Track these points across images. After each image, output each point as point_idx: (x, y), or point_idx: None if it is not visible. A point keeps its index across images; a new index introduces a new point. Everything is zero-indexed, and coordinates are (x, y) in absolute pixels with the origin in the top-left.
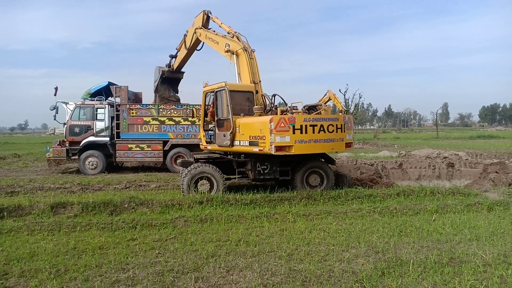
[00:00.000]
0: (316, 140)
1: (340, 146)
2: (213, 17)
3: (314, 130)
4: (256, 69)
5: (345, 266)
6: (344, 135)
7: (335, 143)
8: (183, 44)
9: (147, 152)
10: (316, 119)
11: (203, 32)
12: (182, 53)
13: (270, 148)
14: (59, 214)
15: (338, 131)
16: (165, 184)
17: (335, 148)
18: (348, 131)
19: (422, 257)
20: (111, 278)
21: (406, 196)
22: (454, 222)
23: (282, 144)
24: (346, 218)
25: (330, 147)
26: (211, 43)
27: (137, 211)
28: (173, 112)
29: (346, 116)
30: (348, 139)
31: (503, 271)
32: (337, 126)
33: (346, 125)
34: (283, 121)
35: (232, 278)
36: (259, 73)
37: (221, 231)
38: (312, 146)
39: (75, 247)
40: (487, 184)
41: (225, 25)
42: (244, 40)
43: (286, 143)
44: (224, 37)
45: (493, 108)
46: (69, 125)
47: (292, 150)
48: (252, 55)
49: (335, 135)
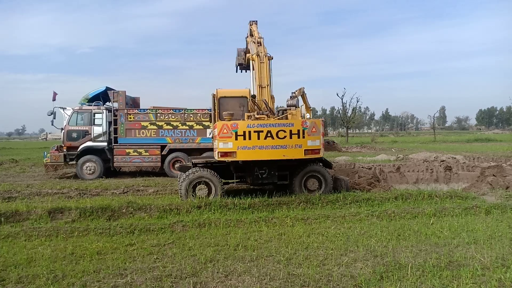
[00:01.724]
0: (262, 147)
1: (296, 153)
2: (253, 23)
3: (259, 136)
4: (266, 73)
5: (344, 270)
6: (304, 141)
7: (288, 150)
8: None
9: (145, 157)
10: (262, 125)
11: (249, 39)
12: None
13: (215, 154)
14: (56, 220)
15: (293, 137)
16: (163, 188)
17: (288, 155)
18: (311, 136)
19: (420, 261)
20: (109, 284)
21: (404, 200)
22: (452, 226)
23: (225, 150)
24: (344, 222)
25: (281, 154)
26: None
27: (135, 216)
28: (170, 116)
29: (308, 121)
30: (311, 145)
31: (501, 275)
32: (291, 132)
33: (308, 130)
34: (225, 127)
35: (230, 283)
36: (268, 77)
37: (219, 236)
38: (258, 153)
39: (73, 252)
40: (485, 187)
41: (256, 31)
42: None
43: (229, 149)
44: (253, 43)
45: (490, 111)
46: (66, 130)
47: (236, 157)
48: (264, 60)
49: (289, 141)
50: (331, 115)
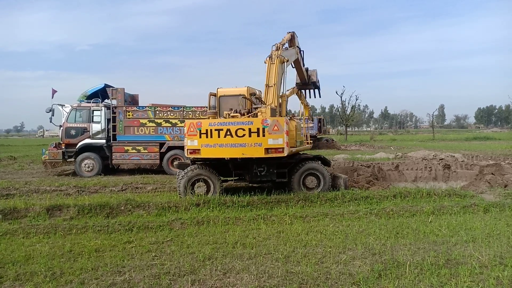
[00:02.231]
0: (222, 145)
1: (256, 151)
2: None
3: (219, 134)
4: (274, 74)
5: (342, 268)
6: (265, 139)
7: (248, 148)
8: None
9: (144, 154)
10: (222, 123)
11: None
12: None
13: (185, 152)
14: (55, 217)
15: (253, 136)
16: (162, 186)
17: (246, 154)
18: (273, 135)
19: (418, 259)
20: (107, 281)
21: (403, 198)
22: (451, 224)
23: (192, 148)
24: (343, 220)
25: (240, 152)
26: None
27: (133, 213)
28: (169, 114)
29: (269, 120)
30: (273, 144)
31: (499, 273)
32: (250, 130)
33: (268, 129)
34: (192, 126)
35: (229, 280)
36: (275, 78)
37: (217, 234)
38: (218, 151)
39: (71, 250)
40: (483, 185)
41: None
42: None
43: (195, 147)
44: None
45: (489, 109)
46: (65, 127)
47: (200, 154)
48: (274, 61)
49: (248, 140)
50: (330, 113)
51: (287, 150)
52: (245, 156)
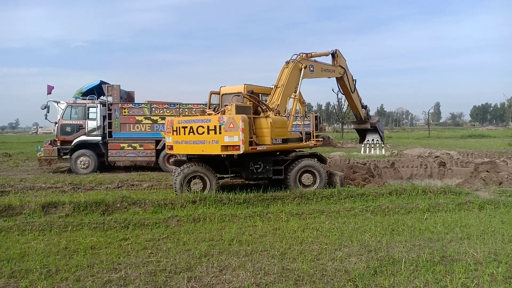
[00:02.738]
0: (187, 142)
1: (213, 148)
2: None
3: (185, 131)
4: (285, 76)
5: (338, 265)
6: (221, 137)
7: (206, 145)
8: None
9: (140, 151)
10: (187, 121)
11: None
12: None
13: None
14: (50, 214)
15: (211, 133)
16: (158, 183)
17: (206, 150)
18: (228, 132)
19: (414, 256)
20: (103, 278)
21: (398, 195)
22: (446, 221)
23: (169, 144)
24: (339, 217)
25: (200, 149)
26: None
27: (129, 210)
28: (165, 111)
29: (225, 117)
30: (229, 141)
31: (493, 269)
32: (208, 128)
33: (224, 126)
34: (168, 123)
35: (225, 277)
36: (286, 79)
37: (214, 231)
38: (185, 147)
39: (67, 247)
40: (478, 183)
41: (318, 52)
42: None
43: (170, 143)
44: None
45: (484, 107)
46: (60, 124)
47: (173, 150)
48: (289, 66)
49: (206, 137)
50: (326, 110)
51: (243, 148)
52: (204, 153)
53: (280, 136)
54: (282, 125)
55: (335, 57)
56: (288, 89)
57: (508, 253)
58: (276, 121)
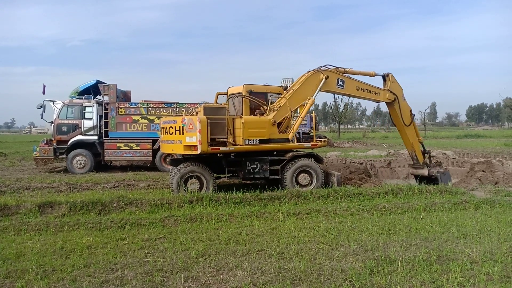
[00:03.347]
0: (165, 141)
1: (178, 148)
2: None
3: (165, 131)
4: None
5: (335, 265)
6: (183, 137)
7: (174, 145)
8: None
9: (136, 151)
10: (165, 122)
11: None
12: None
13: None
14: (46, 214)
15: (177, 133)
16: (154, 183)
17: (174, 150)
18: (189, 133)
19: (410, 255)
20: (99, 278)
21: (395, 195)
22: (442, 220)
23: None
24: (335, 217)
25: (170, 148)
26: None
27: (126, 210)
28: (162, 111)
29: (186, 118)
30: (189, 141)
31: (489, 268)
32: (175, 129)
33: (186, 127)
34: (160, 123)
35: (222, 277)
36: (298, 85)
37: (211, 230)
38: (166, 146)
39: (63, 247)
40: (474, 182)
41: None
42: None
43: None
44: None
45: (480, 107)
46: (56, 124)
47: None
48: (311, 74)
49: (174, 137)
50: (323, 110)
51: (200, 148)
52: (174, 152)
53: (257, 136)
54: (260, 125)
55: (385, 80)
56: (297, 94)
57: (503, 252)
58: (250, 121)
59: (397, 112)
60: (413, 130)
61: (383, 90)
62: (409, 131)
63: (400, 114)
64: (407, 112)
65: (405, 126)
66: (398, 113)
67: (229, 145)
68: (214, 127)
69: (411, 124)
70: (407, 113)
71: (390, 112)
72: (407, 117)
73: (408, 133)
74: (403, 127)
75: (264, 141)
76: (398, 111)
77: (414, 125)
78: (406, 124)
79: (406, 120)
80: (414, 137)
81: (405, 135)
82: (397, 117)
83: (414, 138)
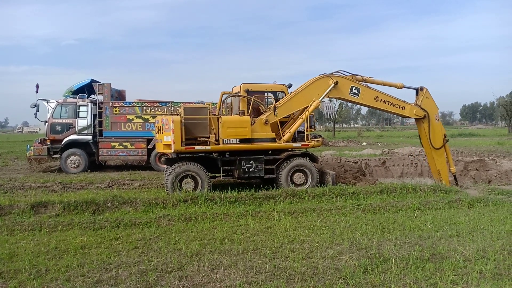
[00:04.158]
0: (156, 140)
1: (160, 146)
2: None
3: (158, 131)
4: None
5: (329, 263)
6: (162, 136)
7: (159, 144)
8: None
9: (131, 150)
10: (157, 121)
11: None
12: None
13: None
14: (40, 214)
15: (158, 133)
16: (149, 182)
17: (158, 149)
18: (165, 133)
19: (404, 253)
20: (93, 278)
21: (389, 193)
22: (436, 219)
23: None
24: (330, 216)
25: (160, 147)
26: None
27: (120, 210)
28: (157, 110)
29: (164, 118)
30: (166, 141)
31: (482, 266)
32: (158, 128)
33: (163, 127)
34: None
35: (216, 276)
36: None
37: (205, 230)
38: (158, 145)
39: (57, 247)
40: (468, 181)
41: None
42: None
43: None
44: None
45: (474, 106)
46: (50, 123)
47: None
48: (318, 77)
49: (160, 136)
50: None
51: (173, 147)
52: (158, 151)
53: (237, 136)
54: (240, 125)
55: (418, 94)
56: (301, 96)
57: (496, 250)
58: (229, 121)
59: (425, 131)
60: (443, 156)
61: (410, 105)
62: (437, 156)
63: (429, 135)
64: (439, 134)
65: (433, 149)
66: (426, 133)
67: (211, 144)
68: (194, 127)
69: (442, 148)
70: (438, 135)
71: (418, 130)
72: (437, 139)
73: (436, 158)
74: (430, 150)
75: (245, 140)
76: (426, 130)
77: (447, 151)
78: (434, 147)
79: (435, 142)
80: (443, 165)
81: (432, 159)
82: (424, 137)
83: (442, 166)
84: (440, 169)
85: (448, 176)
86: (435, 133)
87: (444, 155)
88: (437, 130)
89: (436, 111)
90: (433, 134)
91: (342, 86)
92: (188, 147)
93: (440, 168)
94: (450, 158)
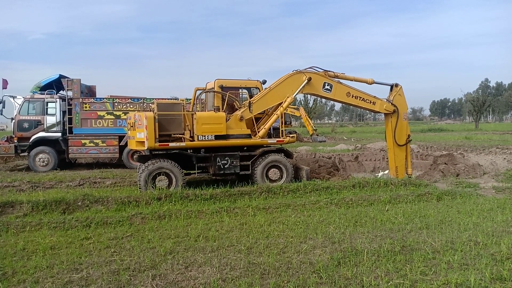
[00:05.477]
0: (129, 137)
1: (132, 143)
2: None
3: (131, 128)
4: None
5: (303, 258)
6: (135, 133)
7: (132, 141)
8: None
9: (102, 147)
10: (129, 118)
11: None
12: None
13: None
14: (7, 214)
15: (131, 129)
16: (122, 180)
17: (130, 146)
18: (138, 129)
19: (375, 246)
20: (63, 279)
21: (361, 188)
22: (406, 212)
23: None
24: (304, 210)
25: (133, 144)
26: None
27: (91, 209)
28: (129, 106)
29: (137, 115)
30: (139, 137)
31: (450, 257)
32: (130, 125)
33: (136, 123)
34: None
35: (190, 274)
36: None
37: (180, 227)
38: (131, 142)
39: (24, 248)
40: (437, 175)
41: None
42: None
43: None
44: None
45: (443, 102)
46: (17, 120)
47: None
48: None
49: (132, 133)
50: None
51: (147, 144)
52: (130, 148)
53: (212, 132)
54: (215, 121)
55: (392, 90)
56: (275, 93)
57: (463, 241)
58: (204, 117)
59: (392, 126)
60: (403, 154)
61: (381, 100)
62: (398, 152)
63: (395, 130)
64: (404, 132)
65: (395, 145)
66: (392, 128)
67: (186, 141)
68: (168, 123)
69: (404, 146)
70: (403, 133)
71: (385, 125)
72: (402, 137)
73: (397, 154)
74: (393, 146)
75: (221, 137)
76: (393, 126)
77: (408, 152)
78: (398, 143)
79: (399, 139)
80: (402, 163)
81: (393, 155)
82: (390, 132)
83: (401, 163)
84: (398, 166)
85: (404, 173)
86: (401, 130)
87: (404, 153)
88: (403, 128)
89: (405, 110)
90: (399, 130)
91: (315, 82)
92: (162, 144)
93: (398, 165)
94: (409, 159)
